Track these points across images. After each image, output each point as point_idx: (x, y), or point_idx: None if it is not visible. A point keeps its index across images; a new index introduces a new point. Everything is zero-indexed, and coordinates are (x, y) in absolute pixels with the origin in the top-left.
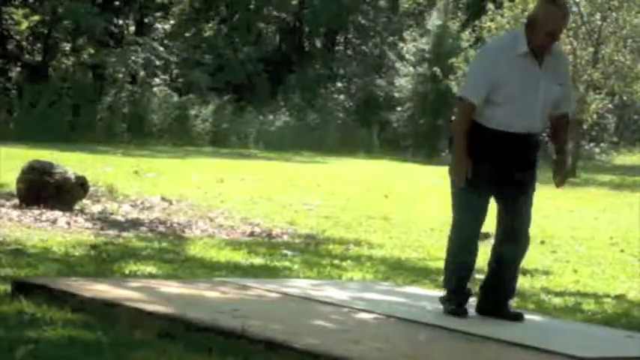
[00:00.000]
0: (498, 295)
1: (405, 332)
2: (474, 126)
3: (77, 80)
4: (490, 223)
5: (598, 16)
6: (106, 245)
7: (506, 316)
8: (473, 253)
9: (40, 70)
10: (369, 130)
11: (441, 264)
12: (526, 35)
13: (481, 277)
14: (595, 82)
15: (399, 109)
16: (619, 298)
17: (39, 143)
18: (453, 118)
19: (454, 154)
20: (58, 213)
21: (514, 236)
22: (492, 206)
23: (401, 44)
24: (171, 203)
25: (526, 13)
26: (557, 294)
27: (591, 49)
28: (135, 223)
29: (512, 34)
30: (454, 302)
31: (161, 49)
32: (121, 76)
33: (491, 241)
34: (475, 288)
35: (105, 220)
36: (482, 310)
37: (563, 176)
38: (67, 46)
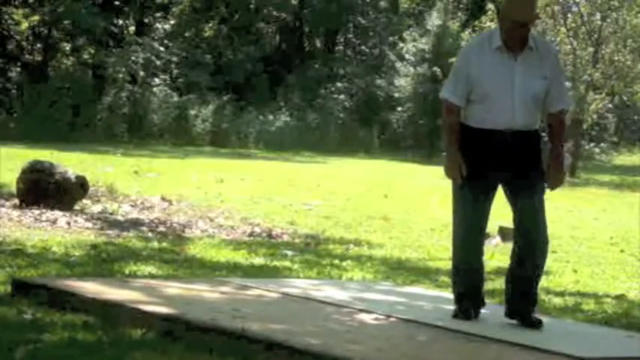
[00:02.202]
0: (515, 300)
1: (405, 332)
2: (462, 126)
3: (77, 80)
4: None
5: (598, 16)
6: (106, 245)
7: (527, 323)
8: (470, 252)
9: (40, 70)
10: (369, 130)
11: (441, 264)
12: (500, 29)
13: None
14: (595, 82)
15: (399, 109)
16: (619, 298)
17: (39, 143)
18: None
19: (445, 154)
20: (58, 213)
21: (523, 238)
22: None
23: (401, 44)
24: (171, 203)
25: None
26: (557, 294)
27: (591, 49)
28: (135, 223)
29: (492, 30)
30: (460, 307)
31: (161, 49)
32: (121, 76)
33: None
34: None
35: (105, 220)
36: (507, 314)
37: (554, 180)
38: (67, 46)
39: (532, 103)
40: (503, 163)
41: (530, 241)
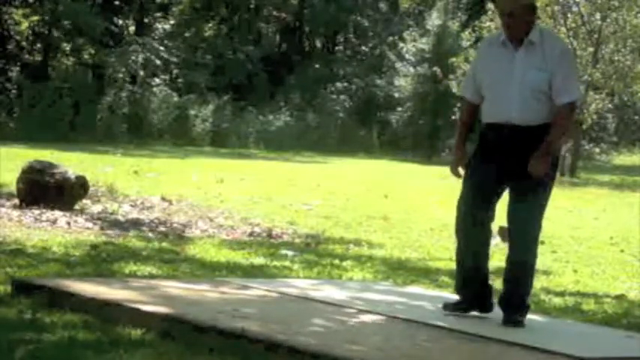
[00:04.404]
0: (502, 297)
1: (405, 332)
2: (481, 122)
3: (77, 80)
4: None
5: (598, 16)
6: (106, 245)
7: (504, 320)
8: (465, 243)
9: (40, 70)
10: (369, 130)
11: (441, 264)
12: None
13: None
14: (595, 82)
15: (399, 109)
16: (619, 298)
17: (39, 143)
18: None
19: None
20: (58, 213)
21: (510, 237)
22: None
23: (401, 44)
24: (171, 203)
25: None
26: (557, 294)
27: (591, 49)
28: (135, 223)
29: None
30: (456, 299)
31: (161, 49)
32: (121, 76)
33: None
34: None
35: (105, 220)
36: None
37: (532, 165)
38: (67, 46)
39: (532, 97)
40: (503, 157)
41: (510, 243)
